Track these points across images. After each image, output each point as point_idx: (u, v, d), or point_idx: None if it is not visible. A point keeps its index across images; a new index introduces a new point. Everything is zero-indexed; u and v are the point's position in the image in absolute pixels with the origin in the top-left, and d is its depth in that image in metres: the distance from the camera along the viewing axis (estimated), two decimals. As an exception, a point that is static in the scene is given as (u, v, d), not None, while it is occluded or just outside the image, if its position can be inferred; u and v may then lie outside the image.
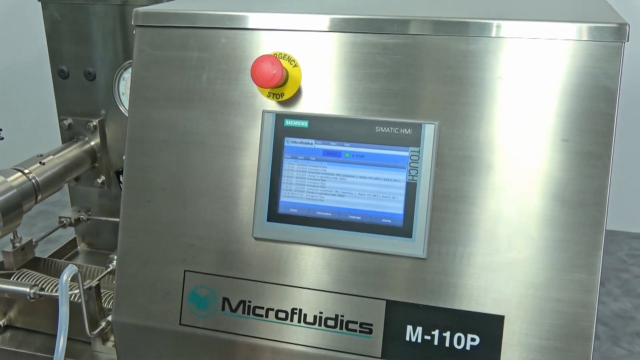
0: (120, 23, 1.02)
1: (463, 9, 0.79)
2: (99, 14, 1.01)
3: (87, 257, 1.15)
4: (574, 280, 0.67)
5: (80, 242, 1.18)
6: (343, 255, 0.73)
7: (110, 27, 1.02)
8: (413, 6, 0.82)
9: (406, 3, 0.86)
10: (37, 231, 1.24)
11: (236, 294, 0.76)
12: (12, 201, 0.87)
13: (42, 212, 1.35)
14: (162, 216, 0.78)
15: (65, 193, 1.15)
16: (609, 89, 0.67)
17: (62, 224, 1.08)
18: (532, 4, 0.83)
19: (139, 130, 0.79)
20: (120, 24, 1.02)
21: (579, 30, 0.67)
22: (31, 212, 1.17)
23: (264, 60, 0.71)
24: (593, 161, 0.67)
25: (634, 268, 1.15)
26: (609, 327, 0.98)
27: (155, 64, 0.79)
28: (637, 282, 1.10)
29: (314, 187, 0.74)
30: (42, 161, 0.96)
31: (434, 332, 0.70)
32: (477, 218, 0.70)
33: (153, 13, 0.79)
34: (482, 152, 0.70)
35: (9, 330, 0.94)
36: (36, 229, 1.29)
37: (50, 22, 1.03)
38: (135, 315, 0.79)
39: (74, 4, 1.01)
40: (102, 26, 1.02)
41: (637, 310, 1.02)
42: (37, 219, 1.33)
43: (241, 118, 0.76)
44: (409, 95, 0.71)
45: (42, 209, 1.34)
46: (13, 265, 0.97)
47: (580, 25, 0.67)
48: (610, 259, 1.18)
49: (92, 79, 1.04)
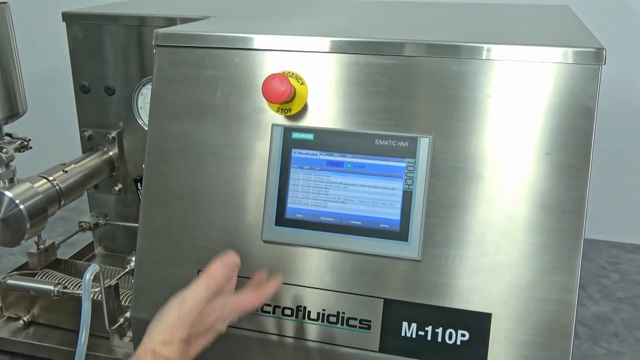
0: (138, 43, 1.02)
1: (455, 32, 0.81)
2: (119, 33, 1.02)
3: (103, 259, 1.15)
4: (556, 281, 0.69)
5: (97, 245, 1.18)
6: (344, 257, 0.75)
7: (128, 46, 1.02)
8: (410, 30, 0.84)
9: (404, 27, 0.88)
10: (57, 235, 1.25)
11: (246, 293, 0.78)
12: (38, 206, 0.87)
13: (60, 218, 1.35)
14: (178, 220, 0.80)
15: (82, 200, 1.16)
16: (587, 107, 0.69)
17: (81, 228, 1.09)
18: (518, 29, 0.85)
19: (158, 141, 0.81)
20: (138, 44, 1.02)
21: (560, 54, 0.69)
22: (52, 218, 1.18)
23: (274, 78, 0.73)
24: (573, 173, 0.69)
25: (613, 274, 1.16)
26: (590, 328, 0.99)
27: (173, 80, 0.80)
28: (616, 287, 1.12)
29: (319, 194, 0.75)
30: (65, 169, 0.97)
31: (428, 328, 0.72)
32: (467, 224, 0.71)
33: (172, 34, 0.81)
34: (473, 163, 0.71)
35: (32, 326, 0.95)
36: (55, 233, 1.30)
37: (74, 40, 1.04)
38: (153, 312, 0.79)
39: (96, 24, 1.02)
40: (121, 45, 1.03)
41: (615, 313, 1.03)
42: (56, 224, 1.34)
43: (251, 131, 0.78)
44: (406, 111, 0.73)
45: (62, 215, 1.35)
46: (37, 266, 0.98)
47: (562, 49, 0.69)
48: (591, 265, 1.19)
49: (111, 94, 1.05)
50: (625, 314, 1.03)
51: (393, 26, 0.89)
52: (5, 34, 0.82)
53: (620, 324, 1.00)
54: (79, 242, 1.19)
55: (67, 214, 1.36)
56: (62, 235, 1.15)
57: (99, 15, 1.02)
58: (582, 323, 1.00)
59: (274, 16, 0.99)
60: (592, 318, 1.01)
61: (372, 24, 0.91)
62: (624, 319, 1.02)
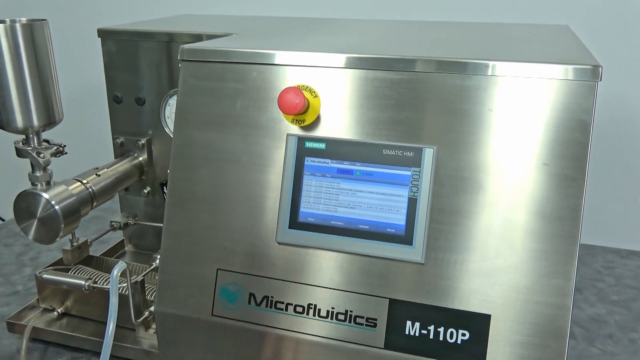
0: (167, 57, 1.02)
1: (459, 50, 0.80)
2: (149, 49, 1.02)
3: (133, 257, 1.16)
4: (552, 285, 0.68)
5: (127, 243, 1.18)
6: (353, 259, 0.74)
7: (158, 60, 1.03)
8: (417, 47, 0.83)
9: (411, 44, 0.87)
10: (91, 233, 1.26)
11: (260, 290, 0.77)
12: (71, 207, 0.87)
13: (95, 217, 1.36)
14: (200, 222, 0.80)
15: (114, 201, 1.16)
16: (584, 121, 0.68)
17: (112, 227, 1.09)
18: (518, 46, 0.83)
19: (182, 149, 0.81)
20: (167, 58, 1.02)
21: (558, 71, 0.68)
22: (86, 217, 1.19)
23: (289, 92, 0.72)
24: (569, 183, 0.68)
25: (608, 278, 1.14)
26: (585, 329, 0.97)
27: (197, 92, 0.80)
28: (611, 290, 1.10)
29: (329, 200, 0.75)
30: (97, 173, 0.97)
31: (430, 327, 0.71)
32: (469, 230, 0.70)
33: (196, 50, 0.81)
34: (474, 173, 0.70)
35: (66, 317, 0.96)
36: (90, 231, 1.30)
37: (108, 55, 1.05)
38: (175, 306, 0.81)
39: (129, 40, 1.03)
40: (151, 59, 1.03)
41: (610, 315, 1.01)
42: (90, 223, 1.34)
43: (269, 140, 0.77)
44: (412, 124, 0.72)
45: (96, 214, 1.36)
46: (71, 262, 0.98)
47: (560, 66, 0.68)
48: (587, 269, 1.17)
49: (142, 104, 1.05)
50: (620, 316, 1.01)
51: (401, 44, 0.88)
52: (43, 49, 0.82)
53: (614, 325, 0.98)
54: (111, 240, 1.19)
55: (100, 213, 1.37)
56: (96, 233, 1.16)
57: (132, 31, 1.03)
58: (578, 324, 0.98)
59: (291, 34, 0.98)
60: (587, 320, 0.99)
61: (382, 41, 0.90)
62: (618, 321, 0.99)
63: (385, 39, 0.93)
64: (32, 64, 0.81)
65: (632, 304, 1.04)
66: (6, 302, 1.06)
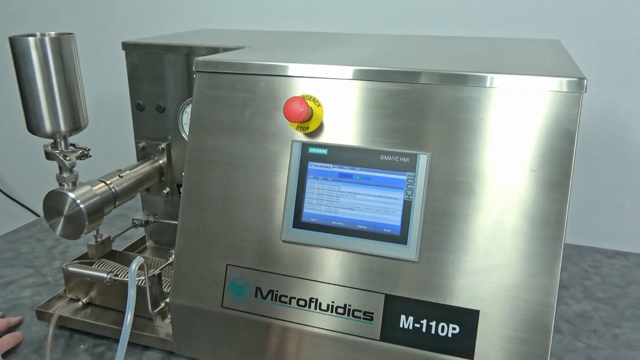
0: (186, 68, 1.02)
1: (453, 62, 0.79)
2: (169, 60, 1.02)
3: (153, 252, 1.16)
4: (538, 284, 0.67)
5: (148, 239, 1.18)
6: (352, 257, 0.74)
7: (178, 71, 1.02)
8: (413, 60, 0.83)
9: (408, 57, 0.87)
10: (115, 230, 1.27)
11: (266, 285, 0.77)
12: (95, 206, 0.87)
13: (118, 215, 1.37)
14: (211, 221, 0.80)
15: (136, 200, 1.17)
16: (570, 130, 0.67)
17: (134, 225, 1.09)
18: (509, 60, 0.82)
19: (196, 153, 0.81)
20: (185, 69, 1.02)
21: (546, 83, 0.67)
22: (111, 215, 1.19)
23: (294, 101, 0.72)
24: (556, 188, 0.67)
25: (594, 277, 1.12)
26: (572, 324, 0.96)
27: (210, 101, 0.80)
28: (597, 288, 1.08)
29: (331, 201, 0.74)
30: (120, 174, 0.97)
31: (423, 321, 0.70)
32: (460, 231, 0.70)
33: (209, 62, 0.81)
34: (466, 178, 0.70)
35: (90, 307, 0.96)
36: (114, 228, 1.31)
37: (131, 66, 1.05)
38: (188, 299, 0.81)
39: (151, 52, 1.03)
40: (171, 70, 1.03)
41: (595, 311, 1.00)
42: (115, 220, 1.35)
43: (275, 145, 0.77)
44: (408, 131, 0.72)
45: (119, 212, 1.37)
46: (95, 256, 0.98)
47: (548, 78, 0.67)
48: (575, 268, 1.15)
49: (162, 112, 1.05)
50: (604, 313, 0.99)
51: (399, 57, 0.87)
52: (70, 60, 0.82)
53: (599, 321, 0.96)
54: (134, 236, 1.19)
55: (123, 211, 1.37)
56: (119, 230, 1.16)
57: (154, 44, 1.03)
58: (564, 320, 0.96)
59: (298, 48, 0.98)
60: (574, 315, 0.98)
61: (382, 54, 0.90)
62: (603, 317, 0.98)
63: (386, 52, 0.92)
64: (59, 74, 0.81)
65: (617, 302, 1.03)
66: (37, 292, 1.06)
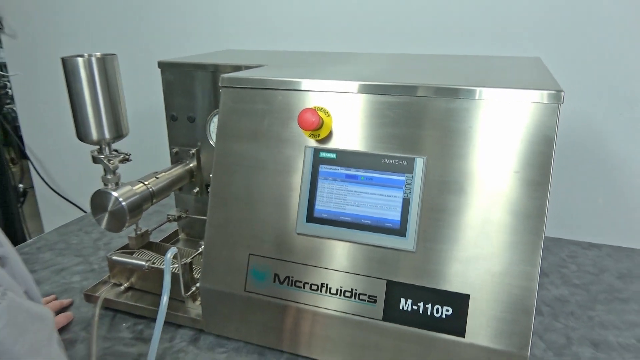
0: (212, 84, 1.03)
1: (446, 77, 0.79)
2: (199, 77, 1.03)
3: (185, 243, 1.16)
4: (521, 271, 0.67)
5: (181, 232, 1.19)
6: (358, 248, 0.74)
7: (206, 86, 1.03)
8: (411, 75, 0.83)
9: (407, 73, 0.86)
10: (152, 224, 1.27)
11: (283, 272, 0.77)
12: (135, 203, 0.88)
13: (155, 211, 1.38)
14: (235, 216, 0.80)
15: (170, 198, 1.17)
16: (548, 136, 0.67)
17: (168, 220, 1.09)
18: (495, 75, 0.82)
19: (222, 157, 0.81)
20: (212, 84, 1.03)
21: (527, 95, 0.67)
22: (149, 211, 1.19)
23: (307, 112, 0.73)
24: (536, 187, 0.67)
25: (571, 265, 1.11)
26: (551, 307, 0.95)
27: (234, 112, 0.81)
28: (573, 275, 1.07)
29: (339, 199, 0.75)
30: (157, 176, 0.98)
31: (420, 304, 0.70)
32: (453, 225, 0.70)
33: (233, 78, 0.81)
34: (458, 178, 0.70)
35: (131, 291, 0.97)
36: (151, 222, 1.32)
37: (166, 82, 1.06)
38: (215, 283, 0.81)
39: (182, 70, 1.04)
40: (200, 85, 1.03)
41: (572, 295, 0.99)
42: (152, 216, 1.36)
43: (290, 150, 0.78)
44: (406, 138, 0.72)
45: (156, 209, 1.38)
46: (135, 246, 0.99)
47: (529, 91, 0.67)
48: (554, 258, 1.14)
49: (192, 122, 1.06)
50: (580, 297, 0.98)
51: (398, 73, 0.87)
52: (113, 77, 0.84)
53: (575, 304, 0.96)
54: (168, 229, 1.20)
55: (159, 208, 1.38)
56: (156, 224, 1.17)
57: (185, 64, 1.04)
58: (545, 303, 0.96)
59: (310, 65, 0.98)
60: (553, 299, 0.97)
61: (383, 71, 0.90)
62: (579, 301, 0.97)
63: (387, 69, 0.92)
64: (104, 89, 0.82)
65: (591, 287, 1.02)
66: (85, 278, 1.07)
